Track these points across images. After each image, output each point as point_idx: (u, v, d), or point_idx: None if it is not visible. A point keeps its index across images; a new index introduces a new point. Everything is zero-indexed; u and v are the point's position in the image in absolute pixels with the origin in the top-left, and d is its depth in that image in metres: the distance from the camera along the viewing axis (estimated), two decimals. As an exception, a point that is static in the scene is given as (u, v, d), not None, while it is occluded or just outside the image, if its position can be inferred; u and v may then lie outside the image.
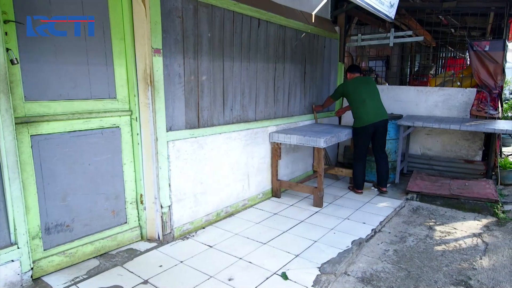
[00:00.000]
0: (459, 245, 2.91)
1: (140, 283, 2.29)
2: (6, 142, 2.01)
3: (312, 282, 2.31)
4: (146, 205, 2.85)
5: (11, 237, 2.10)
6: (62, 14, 2.26)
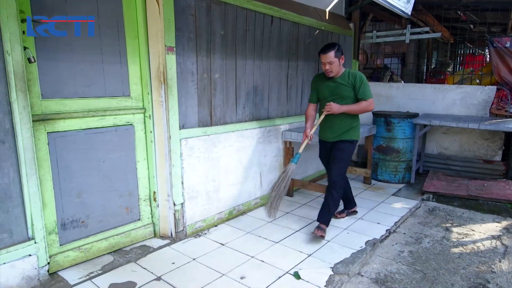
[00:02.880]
0: (477, 248, 2.85)
1: (153, 279, 2.32)
2: (24, 139, 2.06)
3: (325, 282, 2.30)
4: (159, 203, 2.88)
5: (28, 232, 2.16)
6: (77, 13, 2.30)
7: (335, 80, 2.89)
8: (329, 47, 2.79)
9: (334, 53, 2.76)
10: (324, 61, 2.80)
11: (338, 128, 2.92)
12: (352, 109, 2.85)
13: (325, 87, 2.94)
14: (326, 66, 2.81)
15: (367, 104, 2.85)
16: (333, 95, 2.90)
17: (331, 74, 2.83)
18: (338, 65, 2.83)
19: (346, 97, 2.87)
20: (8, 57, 1.95)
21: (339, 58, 2.80)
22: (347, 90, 2.86)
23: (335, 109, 2.79)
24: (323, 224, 2.90)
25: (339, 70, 2.86)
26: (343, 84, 2.86)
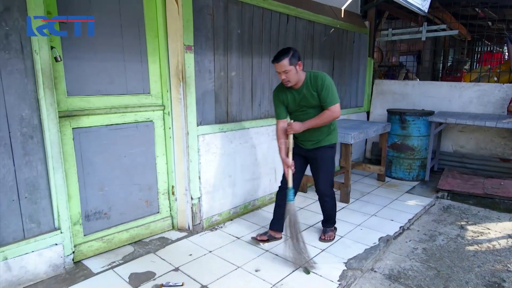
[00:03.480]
0: (492, 246, 2.78)
1: (171, 270, 2.36)
2: (51, 134, 2.12)
3: (338, 277, 2.28)
4: (177, 196, 2.92)
5: (55, 222, 2.23)
6: (101, 13, 2.34)
7: (298, 90, 2.47)
8: (282, 53, 2.35)
9: (288, 60, 2.32)
10: (278, 70, 2.38)
11: (317, 135, 2.57)
12: (315, 123, 2.45)
13: (290, 99, 2.51)
14: (282, 76, 2.38)
15: (329, 113, 2.42)
16: (301, 107, 2.50)
17: (289, 84, 2.41)
18: (296, 73, 2.38)
19: (315, 105, 2.47)
20: (36, 56, 2.00)
21: (295, 65, 2.35)
22: (313, 97, 2.44)
23: (297, 127, 2.45)
24: (329, 227, 2.85)
25: (298, 78, 2.42)
26: (307, 92, 2.44)
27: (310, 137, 2.57)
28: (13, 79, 1.95)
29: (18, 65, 1.96)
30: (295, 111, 2.56)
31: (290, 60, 2.33)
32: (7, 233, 2.04)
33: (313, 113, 2.49)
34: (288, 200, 2.48)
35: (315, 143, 2.59)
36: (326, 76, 2.45)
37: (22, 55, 1.97)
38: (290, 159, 2.49)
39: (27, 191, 2.09)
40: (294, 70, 2.36)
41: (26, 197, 2.08)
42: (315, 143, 2.59)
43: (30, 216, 2.12)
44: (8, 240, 2.05)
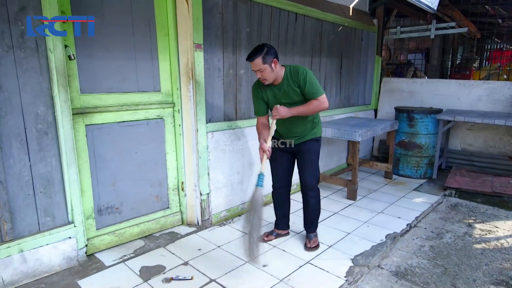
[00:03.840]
0: (500, 244, 2.73)
1: (181, 264, 2.38)
2: (65, 130, 2.14)
3: (345, 273, 2.27)
4: (186, 192, 2.94)
5: (68, 216, 2.26)
6: (113, 13, 2.36)
7: (278, 86, 2.35)
8: (255, 52, 2.22)
9: (261, 59, 2.19)
10: (253, 69, 2.27)
11: (302, 130, 2.45)
12: (302, 110, 2.32)
13: (270, 95, 2.39)
14: (258, 75, 2.28)
15: (318, 103, 2.30)
16: (283, 102, 2.37)
17: (266, 82, 2.30)
18: (271, 71, 2.24)
19: (298, 101, 2.35)
20: (51, 54, 2.03)
21: (270, 63, 2.21)
22: (295, 93, 2.33)
23: (283, 112, 2.28)
24: (313, 233, 2.66)
25: (275, 76, 2.29)
26: (289, 88, 2.33)
27: (295, 133, 2.46)
28: (28, 77, 1.98)
29: (34, 63, 1.99)
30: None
31: (264, 59, 2.19)
32: (23, 226, 2.08)
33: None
34: (256, 184, 2.31)
35: (300, 138, 2.47)
36: (307, 69, 2.32)
37: (37, 54, 1.99)
38: (268, 144, 2.35)
39: (42, 186, 2.12)
40: (269, 69, 2.23)
41: (41, 191, 2.12)
42: (300, 138, 2.47)
43: (45, 210, 2.15)
44: (24, 233, 2.09)
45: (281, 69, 2.32)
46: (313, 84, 2.31)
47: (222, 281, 2.18)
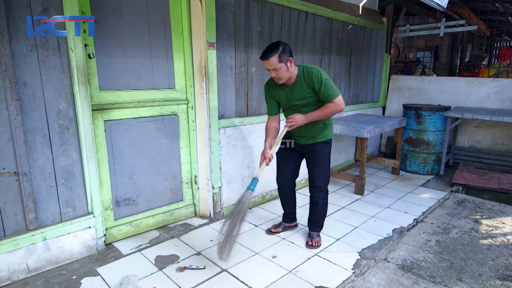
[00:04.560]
0: (507, 240, 2.68)
1: (194, 254, 2.41)
2: (85, 125, 2.19)
3: (352, 265, 2.27)
4: (199, 186, 2.97)
5: (88, 207, 2.31)
6: (131, 13, 2.38)
7: (291, 87, 2.24)
8: (271, 50, 2.08)
9: (277, 57, 2.06)
10: (267, 67, 2.13)
11: (313, 131, 2.35)
12: (319, 115, 2.22)
13: (282, 96, 2.30)
14: (272, 74, 2.15)
15: (334, 106, 2.19)
16: (294, 105, 2.28)
17: (280, 81, 2.19)
18: (286, 70, 2.13)
19: (310, 103, 2.24)
20: (72, 53, 2.06)
21: (285, 61, 2.10)
22: (308, 94, 2.21)
23: (300, 121, 2.19)
24: (316, 233, 2.59)
25: (290, 75, 2.18)
26: (301, 89, 2.21)
27: (306, 133, 2.36)
28: (51, 75, 2.02)
29: (55, 62, 2.03)
30: (287, 108, 2.35)
31: (280, 57, 2.07)
32: (46, 216, 2.14)
33: (307, 111, 2.25)
34: (248, 188, 2.22)
35: (311, 139, 2.37)
36: (321, 70, 2.19)
37: (59, 53, 2.03)
38: (272, 151, 2.26)
39: (64, 178, 2.17)
40: (284, 67, 2.11)
41: (62, 183, 2.17)
42: (311, 139, 2.37)
43: (66, 201, 2.20)
44: (47, 222, 2.14)
45: (295, 68, 2.21)
46: (329, 86, 2.17)
47: (233, 271, 2.21)
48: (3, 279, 2.00)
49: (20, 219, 2.04)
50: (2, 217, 1.98)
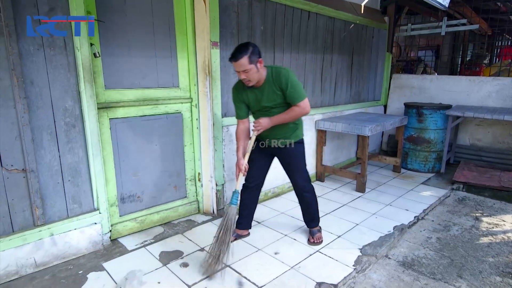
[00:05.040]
0: (507, 238, 2.67)
1: (198, 250, 2.42)
2: (91, 123, 2.19)
3: (353, 262, 2.27)
4: (203, 183, 2.97)
5: (94, 203, 2.32)
6: (135, 12, 2.38)
7: (260, 89, 2.16)
8: (240, 51, 1.99)
9: (247, 59, 1.98)
10: (237, 69, 2.04)
11: (284, 132, 2.28)
12: (283, 118, 2.17)
13: (251, 98, 2.21)
14: (241, 75, 2.05)
15: (299, 109, 2.13)
16: (264, 107, 2.19)
17: (250, 83, 2.09)
18: (256, 71, 2.05)
19: (280, 104, 2.17)
20: (78, 52, 2.07)
21: (256, 62, 2.02)
22: (278, 96, 2.13)
23: (266, 125, 2.16)
24: (316, 228, 2.56)
25: (260, 77, 2.10)
26: (270, 91, 2.13)
27: (277, 135, 2.28)
28: (57, 74, 2.03)
29: (62, 60, 2.03)
30: (257, 111, 2.26)
31: (250, 58, 1.99)
32: (53, 212, 2.15)
33: (277, 113, 2.19)
34: (231, 203, 2.18)
35: (283, 140, 2.30)
36: (289, 71, 2.12)
37: (65, 52, 2.03)
38: (245, 162, 2.21)
39: (70, 175, 2.18)
40: (255, 69, 2.03)
41: (69, 180, 2.18)
42: (283, 140, 2.30)
43: (72, 197, 2.22)
44: (53, 218, 2.16)
45: (264, 70, 2.13)
46: (296, 88, 2.09)
47: (236, 267, 2.21)
48: (12, 273, 2.02)
49: (28, 215, 2.05)
50: (10, 213, 1.99)
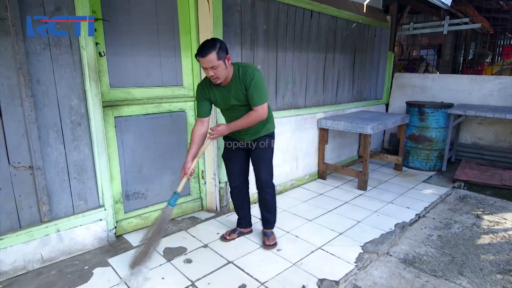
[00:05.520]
0: (508, 236, 2.66)
1: (201, 246, 2.42)
2: (96, 122, 2.20)
3: (355, 259, 2.27)
4: (206, 180, 2.98)
5: (99, 200, 2.33)
6: (139, 11, 2.38)
7: (227, 87, 2.07)
8: (208, 46, 1.88)
9: (215, 54, 1.87)
10: (204, 66, 1.91)
11: (255, 127, 2.19)
12: (242, 124, 2.07)
13: (218, 96, 2.11)
14: (209, 72, 1.93)
15: (256, 115, 2.04)
16: (232, 105, 2.11)
17: (218, 81, 1.99)
18: (225, 68, 1.95)
19: (248, 103, 2.08)
20: (83, 51, 2.07)
21: (224, 59, 1.92)
22: (244, 95, 2.05)
23: (223, 132, 2.09)
24: (268, 229, 2.49)
25: (227, 74, 2.00)
26: (237, 89, 2.04)
27: (248, 130, 2.20)
28: (63, 73, 2.04)
29: (68, 59, 2.04)
30: (225, 109, 2.19)
31: (218, 54, 1.88)
32: (59, 208, 2.17)
33: (246, 110, 2.10)
34: (168, 203, 2.08)
35: (254, 134, 2.23)
36: (256, 70, 2.03)
37: (71, 51, 2.04)
38: (193, 166, 2.11)
39: (76, 172, 2.19)
40: (223, 65, 1.93)
41: (75, 177, 2.19)
42: (254, 134, 2.23)
43: (78, 194, 2.23)
44: (60, 215, 2.17)
45: (231, 67, 2.04)
46: (257, 89, 2.01)
47: (238, 263, 2.22)
48: (19, 268, 2.03)
49: (35, 211, 2.07)
50: (17, 209, 2.01)
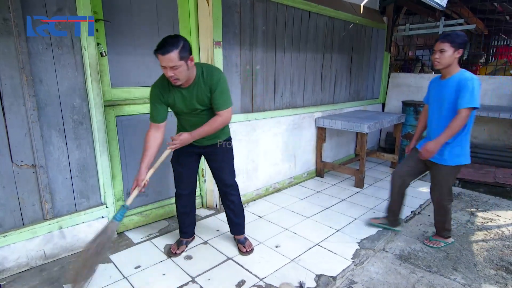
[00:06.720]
0: (501, 232, 2.67)
1: (201, 243, 2.42)
2: (98, 121, 2.20)
3: (352, 255, 2.27)
4: (206, 178, 2.97)
5: (101, 198, 2.33)
6: (140, 12, 2.37)
7: (189, 89, 1.86)
8: (170, 44, 1.67)
9: (177, 54, 1.67)
10: (164, 64, 1.70)
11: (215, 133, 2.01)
12: (206, 131, 1.89)
13: (178, 99, 1.89)
14: (168, 73, 1.71)
15: (221, 120, 1.88)
16: (196, 108, 1.91)
17: (178, 82, 1.77)
18: (187, 69, 1.75)
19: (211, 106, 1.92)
20: (85, 51, 2.07)
21: (186, 60, 1.72)
22: (208, 98, 1.88)
23: (186, 141, 1.89)
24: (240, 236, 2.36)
25: (189, 75, 1.80)
26: (201, 91, 1.86)
27: (208, 136, 2.02)
28: (65, 72, 2.03)
29: (70, 60, 2.03)
30: (185, 113, 1.96)
31: (180, 54, 1.68)
32: (62, 206, 2.16)
33: (208, 115, 1.94)
34: (114, 218, 1.86)
35: (213, 139, 2.07)
36: (222, 73, 1.89)
37: (73, 51, 2.03)
38: (147, 177, 1.91)
39: (78, 170, 2.19)
40: (184, 66, 1.72)
41: (77, 175, 2.19)
42: (213, 139, 2.07)
43: (80, 192, 2.22)
44: (62, 212, 2.17)
45: (193, 68, 1.84)
46: (223, 93, 1.86)
47: (238, 259, 2.22)
48: (22, 264, 2.03)
49: (38, 209, 2.06)
50: (21, 207, 2.00)
